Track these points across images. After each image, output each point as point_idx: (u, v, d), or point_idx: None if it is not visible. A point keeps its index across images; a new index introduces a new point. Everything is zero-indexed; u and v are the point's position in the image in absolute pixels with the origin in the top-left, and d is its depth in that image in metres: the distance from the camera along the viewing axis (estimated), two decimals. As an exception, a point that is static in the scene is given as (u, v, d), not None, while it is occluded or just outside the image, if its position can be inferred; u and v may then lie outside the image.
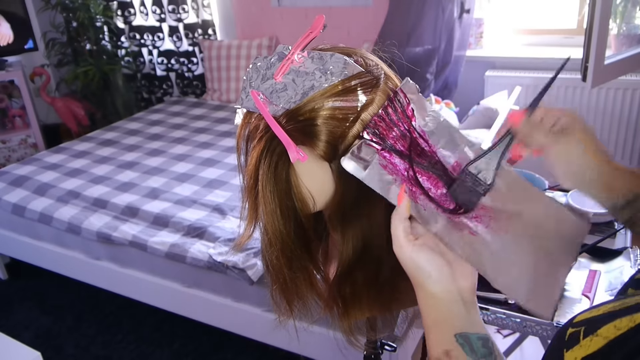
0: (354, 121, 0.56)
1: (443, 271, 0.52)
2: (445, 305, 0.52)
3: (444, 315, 0.52)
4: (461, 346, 0.50)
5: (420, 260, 0.52)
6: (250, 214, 0.63)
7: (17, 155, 3.47)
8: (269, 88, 0.58)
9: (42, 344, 2.22)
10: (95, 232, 2.08)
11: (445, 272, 0.52)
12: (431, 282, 0.52)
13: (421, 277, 0.52)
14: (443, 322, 0.52)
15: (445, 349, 0.50)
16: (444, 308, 0.52)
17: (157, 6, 3.55)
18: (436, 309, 0.52)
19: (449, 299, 0.52)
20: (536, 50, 2.82)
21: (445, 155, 0.57)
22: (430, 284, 0.52)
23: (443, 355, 0.50)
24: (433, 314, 0.52)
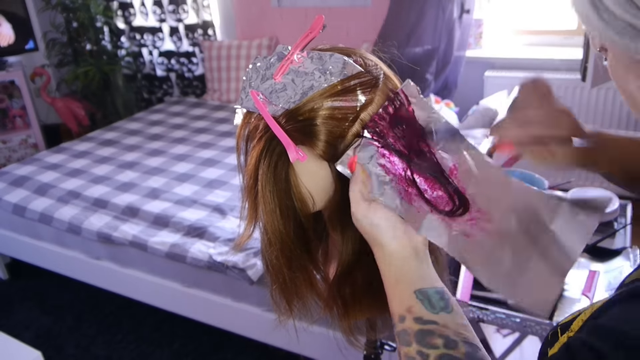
0: (353, 121, 0.56)
1: (398, 227, 0.54)
2: (403, 262, 0.53)
3: (402, 272, 0.53)
4: (421, 302, 0.51)
5: (375, 218, 0.53)
6: (250, 214, 0.63)
7: (18, 155, 3.47)
8: (269, 88, 0.58)
9: (42, 344, 2.22)
10: (95, 232, 2.08)
11: (399, 228, 0.54)
12: (387, 239, 0.53)
13: (377, 235, 0.54)
14: (402, 280, 0.53)
15: (407, 306, 0.51)
16: (401, 265, 0.53)
17: (157, 6, 3.55)
18: (394, 267, 0.54)
19: (406, 254, 0.53)
20: (536, 50, 2.82)
21: (444, 158, 0.57)
22: (387, 242, 0.53)
23: (405, 312, 0.51)
24: (392, 271, 0.54)
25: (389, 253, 0.54)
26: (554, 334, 0.46)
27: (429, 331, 0.49)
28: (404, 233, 0.54)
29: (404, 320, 0.51)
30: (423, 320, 0.50)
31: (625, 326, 0.36)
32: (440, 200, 0.56)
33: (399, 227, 0.54)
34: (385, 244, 0.54)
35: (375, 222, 0.53)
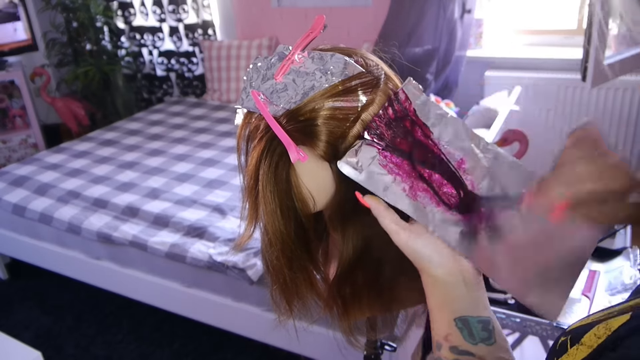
0: (355, 121, 0.56)
1: (443, 253, 0.52)
2: (446, 288, 0.52)
3: (445, 298, 0.52)
4: (459, 330, 0.50)
5: (417, 246, 0.52)
6: (251, 214, 0.63)
7: (18, 155, 3.47)
8: (270, 88, 0.58)
9: (42, 344, 2.22)
10: (95, 232, 2.08)
11: (445, 254, 0.52)
12: (433, 266, 0.52)
13: (422, 262, 0.53)
14: (444, 306, 0.52)
15: (445, 334, 0.50)
16: (446, 291, 0.52)
17: (157, 6, 3.55)
18: (438, 293, 0.52)
19: (451, 281, 0.52)
20: (536, 50, 2.82)
21: (451, 152, 0.56)
22: (432, 268, 0.52)
23: (443, 340, 0.50)
24: (435, 297, 0.52)
25: (435, 279, 0.52)
26: (562, 344, 0.44)
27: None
28: (450, 258, 0.52)
29: (440, 348, 0.50)
30: (458, 350, 0.49)
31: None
32: (449, 196, 0.56)
33: (445, 253, 0.52)
34: (430, 270, 0.52)
35: (419, 250, 0.52)
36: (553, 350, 0.46)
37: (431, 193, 0.55)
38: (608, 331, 0.40)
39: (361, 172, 0.54)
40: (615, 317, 0.41)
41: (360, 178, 0.54)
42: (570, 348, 0.42)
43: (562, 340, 0.45)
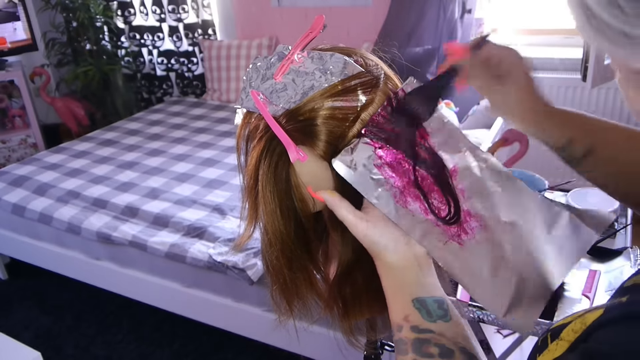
0: (354, 121, 0.56)
1: (399, 240, 0.53)
2: (402, 273, 0.53)
3: (401, 282, 0.53)
4: (418, 310, 0.51)
5: (375, 235, 0.53)
6: (250, 214, 0.63)
7: (17, 155, 3.47)
8: (269, 88, 0.57)
9: (42, 344, 2.22)
10: (95, 232, 2.08)
11: (401, 241, 0.54)
12: (388, 253, 0.53)
13: (377, 249, 0.54)
14: (401, 290, 0.53)
15: (404, 315, 0.51)
16: (402, 275, 0.53)
17: (157, 6, 3.55)
18: (394, 277, 0.54)
19: (406, 265, 0.53)
20: (536, 50, 2.82)
21: (445, 159, 0.56)
22: (387, 255, 0.53)
23: (402, 321, 0.51)
24: (391, 282, 0.54)
25: (389, 265, 0.54)
26: (543, 340, 0.45)
27: (425, 340, 0.49)
28: (405, 244, 0.54)
29: (401, 330, 0.51)
30: (419, 329, 0.50)
31: (619, 355, 0.35)
32: (438, 206, 0.55)
33: (400, 240, 0.54)
34: (385, 257, 0.54)
35: (376, 240, 0.53)
36: (535, 347, 0.47)
37: (421, 200, 0.55)
38: (583, 325, 0.41)
39: (355, 172, 0.54)
40: (591, 312, 0.42)
41: (352, 179, 0.54)
42: (550, 343, 0.44)
43: (543, 337, 0.46)
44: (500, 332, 1.93)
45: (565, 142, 0.61)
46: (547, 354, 0.43)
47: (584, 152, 0.60)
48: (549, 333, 0.45)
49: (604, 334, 0.38)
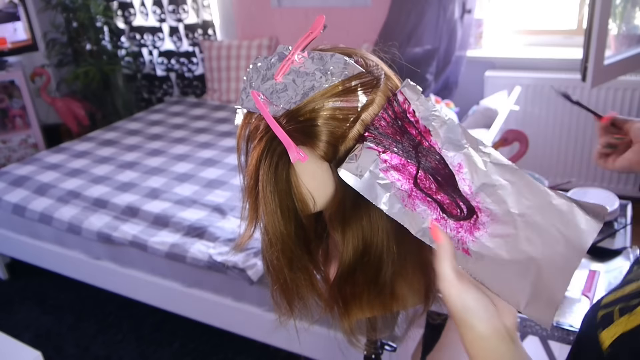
0: (355, 121, 0.56)
1: (489, 310, 0.51)
2: (495, 345, 0.51)
3: (494, 355, 0.51)
4: None
5: (468, 300, 0.51)
6: (251, 214, 0.63)
7: (18, 155, 3.47)
8: (269, 88, 0.58)
9: (42, 344, 2.22)
10: (95, 232, 2.08)
11: (491, 310, 0.52)
12: (480, 322, 0.51)
13: (469, 317, 0.51)
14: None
15: None
16: (494, 348, 0.51)
17: (157, 6, 3.55)
18: (485, 350, 0.51)
19: (498, 337, 0.51)
20: (536, 50, 2.82)
21: (449, 156, 0.56)
22: (479, 324, 0.51)
23: None
24: (482, 354, 0.51)
25: (481, 336, 0.51)
26: (605, 315, 0.44)
27: None
28: (495, 314, 0.52)
29: None
30: None
31: None
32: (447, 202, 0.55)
33: (490, 310, 0.52)
34: (477, 326, 0.51)
35: (467, 304, 0.51)
36: (592, 323, 0.45)
37: (429, 201, 0.55)
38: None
39: (361, 179, 0.54)
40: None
41: (360, 186, 0.54)
42: (619, 318, 0.43)
43: (605, 313, 0.44)
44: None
45: None
46: (614, 328, 0.43)
47: None
48: (613, 308, 0.44)
49: None
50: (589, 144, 2.70)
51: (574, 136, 2.72)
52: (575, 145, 2.73)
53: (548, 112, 2.72)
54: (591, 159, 2.73)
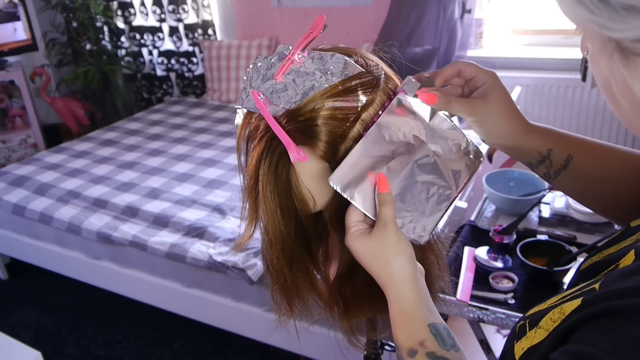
0: (355, 121, 0.56)
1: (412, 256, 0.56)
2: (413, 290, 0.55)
3: (414, 300, 0.54)
4: (434, 337, 0.51)
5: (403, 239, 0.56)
6: (251, 214, 0.63)
7: (17, 155, 3.47)
8: (270, 88, 0.58)
9: (42, 344, 2.22)
10: (95, 232, 2.08)
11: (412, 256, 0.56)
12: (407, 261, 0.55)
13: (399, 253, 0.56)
14: (414, 309, 0.53)
15: (420, 339, 0.51)
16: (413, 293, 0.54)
17: (157, 6, 3.55)
18: (406, 296, 0.54)
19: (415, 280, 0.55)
20: (536, 50, 2.82)
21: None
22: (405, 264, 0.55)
23: (418, 346, 0.50)
24: (404, 299, 0.54)
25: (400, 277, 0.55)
26: (521, 327, 0.46)
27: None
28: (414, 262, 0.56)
29: (414, 355, 0.50)
30: (436, 356, 0.49)
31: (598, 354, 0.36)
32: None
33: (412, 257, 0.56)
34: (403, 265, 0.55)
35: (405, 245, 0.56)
36: (512, 334, 0.47)
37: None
38: (562, 315, 0.41)
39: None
40: (569, 301, 0.42)
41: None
42: (529, 331, 0.44)
43: (521, 324, 0.46)
44: (500, 332, 1.93)
45: (546, 153, 0.61)
46: (524, 341, 0.44)
47: (565, 160, 0.61)
48: (527, 320, 0.45)
49: (586, 334, 0.38)
50: (589, 144, 2.70)
51: (574, 136, 2.72)
52: (575, 145, 2.73)
53: (548, 112, 2.72)
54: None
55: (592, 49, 0.43)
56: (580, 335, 0.38)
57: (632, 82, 0.39)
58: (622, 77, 0.40)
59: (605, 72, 0.42)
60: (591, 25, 0.39)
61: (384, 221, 0.55)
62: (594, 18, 0.38)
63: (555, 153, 0.62)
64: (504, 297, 1.24)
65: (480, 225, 1.53)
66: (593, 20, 0.38)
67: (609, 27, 0.38)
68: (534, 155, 0.62)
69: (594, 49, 0.43)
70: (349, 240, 0.57)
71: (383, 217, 0.55)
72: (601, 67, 0.43)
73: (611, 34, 0.38)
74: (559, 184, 0.64)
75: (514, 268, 1.31)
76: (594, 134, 2.67)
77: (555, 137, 0.62)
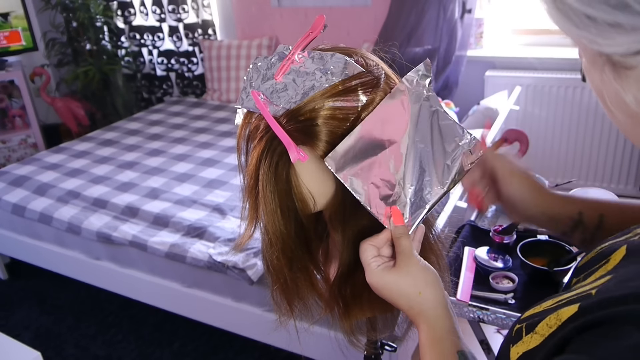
0: (355, 121, 0.56)
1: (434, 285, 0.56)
2: (442, 317, 0.55)
3: (441, 327, 0.55)
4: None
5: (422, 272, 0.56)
6: (251, 214, 0.63)
7: (17, 155, 3.47)
8: (270, 88, 0.58)
9: (42, 344, 2.22)
10: (95, 232, 2.08)
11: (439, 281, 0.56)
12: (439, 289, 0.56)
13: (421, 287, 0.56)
14: (443, 338, 0.54)
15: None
16: (441, 321, 0.55)
17: (157, 6, 3.55)
18: (436, 323, 0.55)
19: (444, 307, 0.55)
20: (536, 50, 2.82)
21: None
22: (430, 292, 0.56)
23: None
24: (436, 327, 0.55)
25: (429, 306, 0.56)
26: (517, 331, 0.46)
27: None
28: (442, 289, 0.57)
29: None
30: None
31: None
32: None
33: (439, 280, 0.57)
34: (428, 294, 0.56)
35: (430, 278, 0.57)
36: (509, 336, 0.47)
37: None
38: (558, 321, 0.41)
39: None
40: (565, 306, 0.42)
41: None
42: (525, 335, 0.44)
43: (518, 328, 0.46)
44: (500, 332, 1.93)
45: (577, 216, 0.63)
46: (520, 345, 0.44)
47: (597, 220, 0.62)
48: (523, 324, 0.46)
49: (582, 344, 0.38)
50: (589, 144, 2.70)
51: (574, 136, 2.72)
52: (575, 145, 2.73)
53: (548, 112, 2.72)
54: (591, 159, 2.73)
55: (585, 62, 0.44)
56: (577, 346, 0.38)
57: (624, 94, 0.39)
58: (614, 89, 0.40)
59: (598, 84, 0.43)
60: (581, 40, 0.39)
61: (407, 252, 0.57)
62: (582, 34, 0.38)
63: (586, 215, 0.63)
64: (504, 297, 1.24)
65: (480, 225, 1.53)
66: (582, 36, 0.39)
67: (598, 42, 0.38)
68: (566, 222, 0.64)
69: (587, 62, 0.43)
70: (373, 277, 0.57)
71: (405, 249, 0.57)
72: (594, 79, 0.43)
73: (600, 49, 0.38)
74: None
75: (514, 268, 1.31)
76: (594, 134, 2.67)
77: (583, 201, 0.65)
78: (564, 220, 0.63)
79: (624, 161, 2.68)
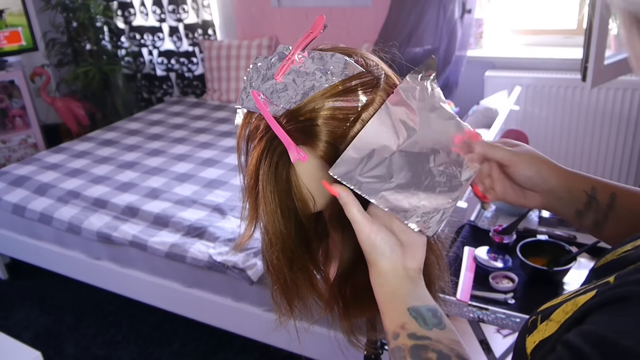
0: (355, 121, 0.56)
1: (395, 250, 0.55)
2: (396, 281, 0.55)
3: (394, 290, 0.54)
4: (415, 319, 0.52)
5: (377, 239, 0.54)
6: (251, 214, 0.63)
7: (17, 155, 3.47)
8: (270, 88, 0.58)
9: (42, 344, 2.22)
10: (95, 232, 2.08)
11: (397, 251, 0.55)
12: (384, 259, 0.55)
13: (375, 254, 0.55)
14: (395, 298, 0.54)
15: (401, 323, 0.52)
16: (394, 284, 0.55)
17: (157, 6, 3.55)
18: (382, 285, 0.55)
19: (397, 275, 0.55)
20: (536, 50, 2.82)
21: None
22: (382, 261, 0.55)
23: (399, 329, 0.52)
24: (386, 290, 0.55)
25: (384, 272, 0.55)
26: (533, 321, 0.47)
27: (422, 346, 0.50)
28: (400, 255, 0.55)
29: (397, 337, 0.52)
30: (417, 336, 0.51)
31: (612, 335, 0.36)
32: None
33: (395, 250, 0.55)
34: (379, 262, 0.55)
35: (377, 244, 0.55)
36: (524, 328, 0.48)
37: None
38: (575, 307, 0.42)
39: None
40: (582, 294, 0.43)
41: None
42: (540, 324, 0.45)
43: (533, 319, 0.47)
44: (500, 332, 1.93)
45: (591, 192, 0.62)
46: (536, 334, 0.45)
47: (609, 199, 0.62)
48: (539, 315, 0.46)
49: (600, 316, 0.39)
50: (589, 144, 2.70)
51: (574, 136, 2.72)
52: (575, 145, 2.73)
53: (548, 112, 2.72)
54: (591, 159, 2.73)
55: (623, 32, 0.44)
56: (595, 318, 0.39)
57: None
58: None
59: (638, 50, 0.43)
60: (619, 3, 0.40)
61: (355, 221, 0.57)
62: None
63: (599, 191, 0.63)
64: (504, 297, 1.24)
65: (480, 225, 1.53)
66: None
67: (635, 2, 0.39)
68: (581, 196, 0.63)
69: (625, 31, 0.44)
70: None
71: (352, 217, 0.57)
72: (635, 48, 0.43)
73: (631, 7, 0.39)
74: (611, 232, 0.64)
75: (514, 268, 1.32)
76: (594, 134, 2.67)
77: (593, 178, 0.64)
78: (579, 194, 0.63)
79: (624, 161, 2.68)
